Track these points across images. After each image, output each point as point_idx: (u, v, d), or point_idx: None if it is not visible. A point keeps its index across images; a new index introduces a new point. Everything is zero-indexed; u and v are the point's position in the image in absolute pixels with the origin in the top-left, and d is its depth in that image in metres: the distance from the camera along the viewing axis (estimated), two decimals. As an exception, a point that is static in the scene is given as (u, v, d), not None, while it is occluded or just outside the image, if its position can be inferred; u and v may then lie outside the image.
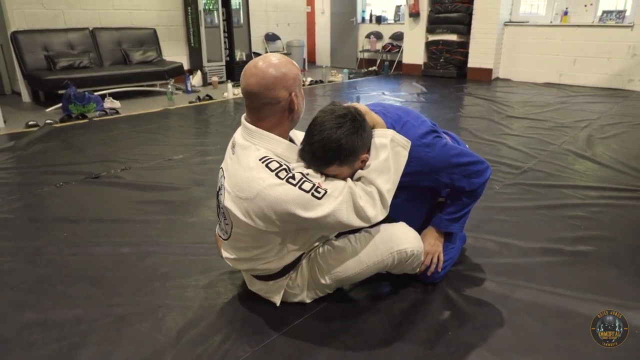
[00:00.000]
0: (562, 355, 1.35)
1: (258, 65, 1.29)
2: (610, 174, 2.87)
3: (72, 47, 5.76)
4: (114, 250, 1.98)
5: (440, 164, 1.52)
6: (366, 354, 1.35)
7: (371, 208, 1.31)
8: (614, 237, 2.05)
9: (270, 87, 1.27)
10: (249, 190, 1.26)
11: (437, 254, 1.64)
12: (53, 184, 2.77)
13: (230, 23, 7.15)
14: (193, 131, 4.32)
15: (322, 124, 1.31)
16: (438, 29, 7.33)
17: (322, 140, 1.29)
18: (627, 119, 4.33)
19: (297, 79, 1.32)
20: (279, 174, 1.25)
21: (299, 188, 1.24)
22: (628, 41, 5.88)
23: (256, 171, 1.26)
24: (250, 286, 1.59)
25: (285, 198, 1.23)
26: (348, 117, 1.31)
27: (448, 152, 1.53)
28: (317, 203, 1.24)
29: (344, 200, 1.27)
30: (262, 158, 1.28)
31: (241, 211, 1.29)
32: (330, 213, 1.25)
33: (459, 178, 1.55)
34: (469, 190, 1.58)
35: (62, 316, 1.53)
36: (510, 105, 5.07)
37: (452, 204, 1.64)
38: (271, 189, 1.23)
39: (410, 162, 1.44)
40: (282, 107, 1.31)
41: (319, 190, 1.25)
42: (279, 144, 1.34)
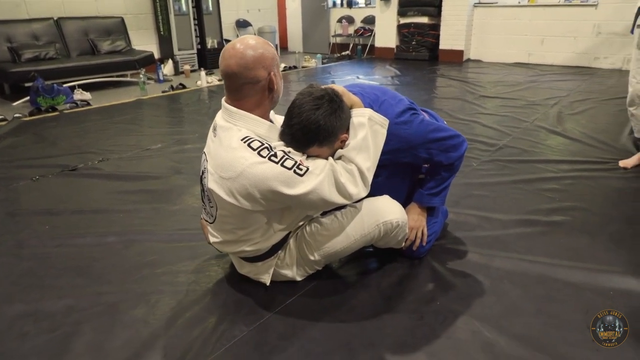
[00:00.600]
0: (543, 319, 1.42)
1: (236, 46, 1.31)
2: (580, 148, 2.98)
3: (37, 38, 5.56)
4: (98, 240, 1.97)
5: (418, 140, 1.56)
6: (359, 328, 1.39)
7: (352, 185, 1.34)
8: (586, 207, 2.15)
9: (249, 67, 1.29)
10: (232, 169, 1.27)
11: (421, 228, 1.69)
12: (29, 178, 2.70)
13: (200, 10, 7.01)
14: (169, 120, 4.26)
15: (300, 106, 1.33)
16: (409, 12, 7.37)
17: (301, 122, 1.31)
18: (594, 96, 4.48)
19: (274, 59, 1.34)
20: (261, 152, 1.27)
21: (281, 165, 1.26)
22: (593, 20, 6.05)
23: (238, 151, 1.28)
24: (240, 269, 1.61)
25: (268, 175, 1.25)
26: (325, 98, 1.34)
27: (425, 128, 1.57)
28: (300, 180, 1.26)
29: (326, 177, 1.29)
30: (243, 138, 1.30)
31: (225, 191, 1.30)
32: (312, 190, 1.27)
33: (436, 153, 1.59)
34: (447, 164, 1.63)
35: (52, 307, 1.52)
36: (482, 86, 5.17)
37: (432, 179, 1.69)
38: (254, 167, 1.25)
39: (389, 140, 1.48)
40: (262, 86, 1.33)
41: (300, 168, 1.27)
42: (260, 124, 1.36)
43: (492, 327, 1.38)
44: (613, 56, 6.03)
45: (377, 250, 1.77)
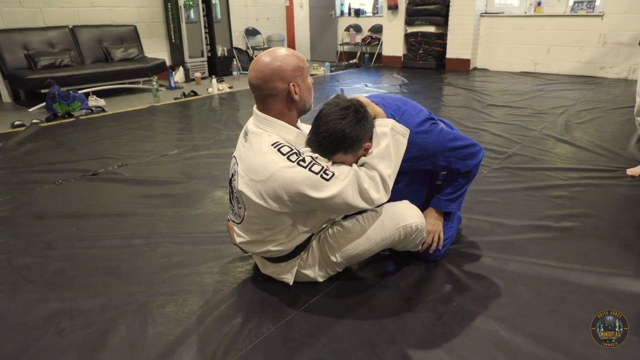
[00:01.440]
0: (556, 319, 1.48)
1: (260, 59, 1.41)
2: (588, 156, 3.05)
3: (53, 46, 5.69)
4: (125, 242, 2.04)
5: (437, 149, 1.63)
6: (381, 326, 1.46)
7: (374, 191, 1.41)
8: (596, 214, 2.21)
9: (267, 79, 1.38)
10: (262, 172, 1.35)
11: (437, 232, 1.76)
12: (52, 182, 2.79)
13: (211, 18, 7.15)
14: (182, 127, 4.35)
15: (327, 115, 1.41)
16: (416, 21, 7.47)
17: (328, 131, 1.38)
18: (601, 105, 4.55)
19: (296, 70, 1.40)
20: (290, 157, 1.34)
21: (309, 170, 1.33)
22: (599, 30, 6.13)
23: (269, 155, 1.35)
24: (263, 269, 1.69)
25: (297, 179, 1.32)
26: (351, 108, 1.41)
27: (444, 137, 1.64)
28: (326, 184, 1.34)
29: (350, 182, 1.37)
30: (274, 143, 1.37)
31: (255, 193, 1.38)
32: (337, 194, 1.34)
33: (454, 161, 1.66)
34: (464, 171, 1.70)
35: (86, 305, 1.60)
36: (489, 94, 5.25)
37: (449, 186, 1.76)
38: (283, 170, 1.33)
39: (409, 148, 1.55)
40: (282, 97, 1.41)
41: (327, 173, 1.35)
42: (288, 131, 1.44)
43: (507, 326, 1.44)
44: (619, 66, 6.10)
45: (395, 253, 1.84)
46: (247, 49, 8.30)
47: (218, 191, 2.59)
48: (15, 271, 1.83)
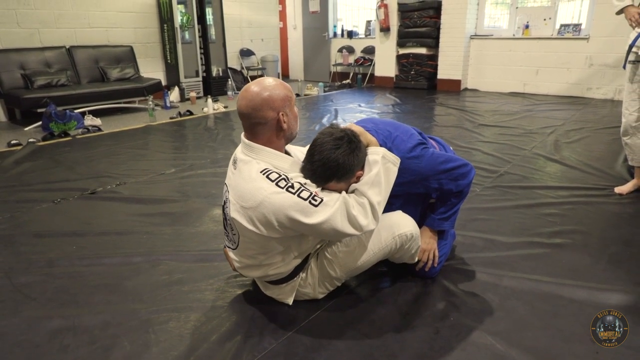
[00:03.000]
0: (550, 333, 1.53)
1: (249, 89, 1.45)
2: (578, 175, 3.13)
3: (49, 66, 5.75)
4: (126, 260, 2.07)
5: (429, 172, 1.69)
6: (380, 340, 1.49)
7: (363, 217, 1.44)
8: (586, 230, 2.28)
9: (257, 108, 1.42)
10: (252, 199, 1.38)
11: (432, 250, 1.81)
12: (50, 201, 2.81)
13: (206, 39, 7.27)
14: (179, 146, 4.40)
15: (321, 144, 1.46)
16: (408, 43, 7.65)
17: (322, 160, 1.43)
18: (589, 125, 4.67)
19: (285, 100, 1.46)
20: (279, 183, 1.38)
21: (298, 196, 1.37)
22: (585, 52, 6.32)
23: (258, 182, 1.39)
24: (265, 291, 1.72)
25: (285, 204, 1.36)
26: (345, 139, 1.47)
27: (435, 161, 1.70)
28: (314, 210, 1.37)
29: (339, 208, 1.40)
30: (262, 170, 1.41)
31: (246, 219, 1.41)
32: (326, 220, 1.37)
33: (446, 182, 1.72)
34: (456, 191, 1.76)
35: (89, 322, 1.62)
36: (480, 114, 5.37)
37: (442, 205, 1.81)
38: (272, 196, 1.36)
39: (402, 173, 1.62)
40: (271, 125, 1.45)
41: (315, 199, 1.38)
42: (276, 157, 1.48)
43: (503, 340, 1.49)
44: (605, 87, 6.28)
45: (392, 270, 1.89)
46: (241, 69, 8.42)
47: (216, 209, 2.63)
48: (17, 289, 1.84)
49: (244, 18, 8.45)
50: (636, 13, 2.46)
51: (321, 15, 9.32)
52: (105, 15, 6.43)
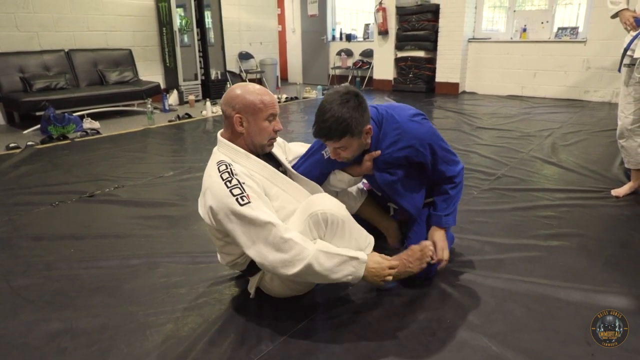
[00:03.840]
0: (546, 335, 1.53)
1: (232, 87, 1.60)
2: (574, 178, 3.14)
3: (48, 69, 5.76)
4: (124, 262, 2.07)
5: (426, 138, 1.73)
6: (377, 342, 1.50)
7: (274, 250, 1.39)
8: (582, 233, 2.29)
9: (224, 102, 1.57)
10: (204, 185, 1.51)
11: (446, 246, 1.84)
12: (48, 204, 2.82)
13: (205, 43, 7.29)
14: (177, 149, 4.40)
15: (330, 102, 1.55)
16: (406, 46, 7.67)
17: (334, 116, 1.52)
18: (586, 127, 4.69)
19: (249, 106, 1.53)
20: (222, 175, 1.46)
21: (230, 191, 1.42)
22: (582, 55, 6.34)
23: (210, 170, 1.52)
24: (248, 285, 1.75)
25: (217, 195, 1.43)
26: (351, 94, 1.56)
27: (434, 132, 1.78)
28: (237, 207, 1.40)
29: (256, 218, 1.38)
30: (218, 161, 1.52)
31: (200, 204, 1.56)
32: (243, 217, 1.39)
33: (440, 161, 1.78)
34: (448, 176, 1.81)
35: (87, 324, 1.62)
36: (478, 117, 5.39)
37: (442, 201, 1.84)
38: (214, 185, 1.45)
39: (403, 136, 1.70)
40: (229, 122, 1.56)
41: (243, 198, 1.41)
42: (236, 152, 1.57)
43: (499, 342, 1.49)
44: (602, 90, 6.30)
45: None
46: (240, 72, 8.44)
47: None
48: (15, 292, 1.85)
49: (243, 21, 8.48)
50: (631, 17, 2.48)
51: (320, 19, 9.34)
52: (104, 18, 6.45)
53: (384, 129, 1.74)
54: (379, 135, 1.74)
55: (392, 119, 1.73)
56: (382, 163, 1.77)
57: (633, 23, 2.47)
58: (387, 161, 1.76)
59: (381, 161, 1.77)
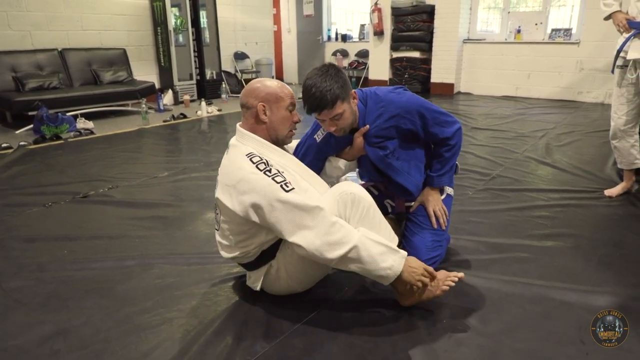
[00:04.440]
0: (541, 335, 1.54)
1: (253, 81, 1.65)
2: (568, 178, 3.16)
3: (41, 68, 5.72)
4: (118, 264, 2.06)
5: (412, 106, 1.79)
6: (373, 344, 1.49)
7: (320, 236, 1.39)
8: (576, 233, 2.30)
9: (246, 94, 1.61)
10: (233, 178, 1.49)
11: (440, 206, 1.90)
12: (41, 205, 2.79)
13: (200, 42, 7.26)
14: (172, 149, 4.39)
15: (312, 77, 1.63)
16: (402, 47, 7.68)
17: (321, 86, 1.60)
18: (580, 128, 4.72)
19: (270, 95, 1.59)
20: (258, 166, 1.47)
21: (272, 179, 1.44)
22: (576, 56, 6.38)
23: (240, 162, 1.51)
24: (247, 281, 1.75)
25: (259, 185, 1.43)
26: (327, 65, 1.66)
27: (418, 99, 1.84)
28: (283, 194, 1.42)
29: (302, 203, 1.41)
30: (248, 153, 1.52)
31: (227, 197, 1.51)
32: (293, 201, 1.41)
33: (431, 124, 1.81)
34: (442, 137, 1.84)
35: (80, 326, 1.61)
36: (473, 118, 5.40)
37: (437, 162, 1.90)
38: (249, 176, 1.45)
39: (387, 107, 1.77)
40: (252, 113, 1.59)
41: (287, 184, 1.44)
42: (262, 144, 1.59)
43: (494, 342, 1.49)
44: (596, 91, 6.34)
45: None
46: (235, 72, 8.42)
47: (209, 213, 2.62)
48: (7, 294, 1.83)
49: (238, 21, 8.46)
50: (623, 19, 2.49)
51: (315, 19, 9.34)
52: (99, 18, 6.41)
53: (368, 105, 1.82)
54: (365, 111, 1.81)
55: (374, 96, 1.82)
56: (372, 138, 1.82)
57: (626, 25, 2.49)
58: (377, 134, 1.82)
59: (371, 136, 1.82)
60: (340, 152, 1.91)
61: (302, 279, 1.68)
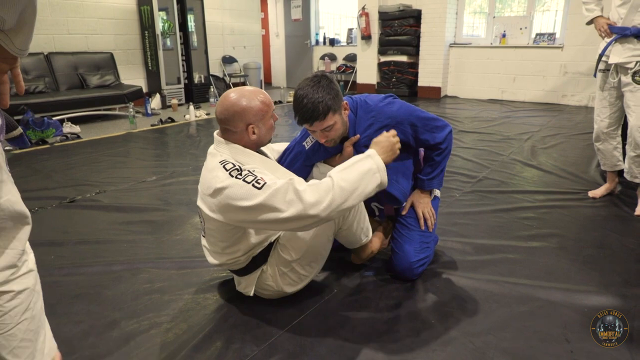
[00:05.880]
0: (527, 334, 1.56)
1: (229, 96, 1.54)
2: (553, 180, 3.21)
3: (27, 72, 5.65)
4: (106, 269, 2.04)
5: (402, 115, 1.80)
6: (362, 345, 1.51)
7: (310, 194, 1.36)
8: (561, 233, 2.34)
9: (230, 119, 1.52)
10: (210, 187, 1.47)
11: (428, 208, 1.92)
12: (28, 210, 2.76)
13: (188, 46, 7.25)
14: (160, 153, 4.37)
15: (303, 88, 1.62)
16: (389, 51, 7.74)
17: (313, 98, 1.59)
18: (564, 131, 4.79)
19: (258, 113, 1.53)
20: (231, 172, 1.45)
21: (243, 181, 1.41)
22: (560, 60, 6.49)
23: (215, 171, 1.48)
24: (237, 286, 1.75)
25: (232, 191, 1.41)
26: (319, 75, 1.65)
27: (408, 107, 1.85)
28: (256, 192, 1.38)
29: (281, 187, 1.37)
30: (221, 161, 1.50)
31: (207, 207, 1.50)
32: (266, 199, 1.36)
33: (422, 131, 1.82)
34: (432, 143, 1.84)
35: (68, 332, 1.60)
36: (460, 121, 5.46)
37: (428, 166, 1.92)
38: (224, 184, 1.43)
39: (378, 117, 1.77)
40: (241, 134, 1.55)
41: (259, 182, 1.40)
42: (242, 152, 1.55)
43: (482, 342, 1.52)
44: (579, 94, 6.45)
45: (373, 275, 1.91)
46: (224, 76, 8.41)
47: (197, 216, 2.61)
48: (-7, 300, 1.80)
49: (227, 25, 8.45)
50: (605, 24, 2.55)
51: (303, 23, 9.38)
52: (85, 21, 6.37)
53: (359, 115, 1.83)
54: (355, 121, 1.83)
55: (365, 105, 1.84)
56: (362, 147, 1.81)
57: (607, 30, 2.54)
58: (367, 144, 1.77)
59: (361, 145, 1.82)
60: (329, 159, 1.92)
61: (293, 280, 1.68)
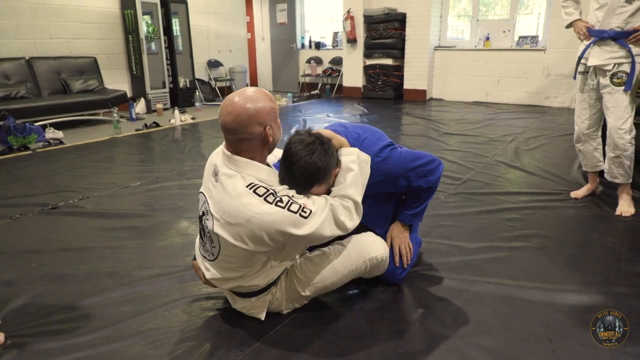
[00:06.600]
0: (510, 334, 1.58)
1: (234, 102, 1.39)
2: (536, 181, 3.25)
3: (8, 77, 5.58)
4: (88, 277, 2.02)
5: (397, 172, 1.73)
6: (347, 349, 1.51)
7: (349, 220, 1.49)
8: (544, 234, 2.37)
9: (245, 125, 1.37)
10: (240, 215, 1.35)
11: (405, 243, 1.87)
12: (8, 217, 2.72)
13: (173, 50, 7.21)
14: (145, 158, 4.33)
15: (297, 153, 1.43)
16: (374, 54, 7.78)
17: (301, 168, 1.42)
18: (547, 132, 4.86)
19: (271, 113, 1.42)
20: (267, 198, 1.36)
21: (288, 210, 1.35)
22: (542, 63, 6.58)
23: (245, 197, 1.36)
24: (233, 304, 1.69)
25: (276, 220, 1.34)
26: (317, 142, 1.47)
27: (404, 159, 1.75)
28: (305, 222, 1.37)
29: (327, 216, 1.42)
30: (249, 185, 1.38)
31: (232, 235, 1.38)
32: (315, 229, 1.39)
33: (415, 179, 1.77)
34: (426, 187, 1.81)
35: (49, 344, 1.56)
36: (445, 123, 5.50)
37: (413, 201, 1.86)
38: (262, 212, 1.34)
39: (373, 173, 1.64)
40: (257, 140, 1.42)
41: (305, 210, 1.37)
42: (261, 170, 1.44)
43: (465, 343, 1.53)
44: (562, 96, 6.55)
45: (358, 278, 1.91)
46: (209, 80, 8.38)
47: (183, 222, 2.60)
48: (-28, 310, 1.77)
49: (212, 29, 8.43)
50: (584, 27, 2.59)
51: (289, 27, 9.38)
52: (67, 26, 6.30)
53: None
54: None
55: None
56: None
57: (586, 33, 2.59)
58: None
59: None
60: None
61: (296, 305, 1.71)
